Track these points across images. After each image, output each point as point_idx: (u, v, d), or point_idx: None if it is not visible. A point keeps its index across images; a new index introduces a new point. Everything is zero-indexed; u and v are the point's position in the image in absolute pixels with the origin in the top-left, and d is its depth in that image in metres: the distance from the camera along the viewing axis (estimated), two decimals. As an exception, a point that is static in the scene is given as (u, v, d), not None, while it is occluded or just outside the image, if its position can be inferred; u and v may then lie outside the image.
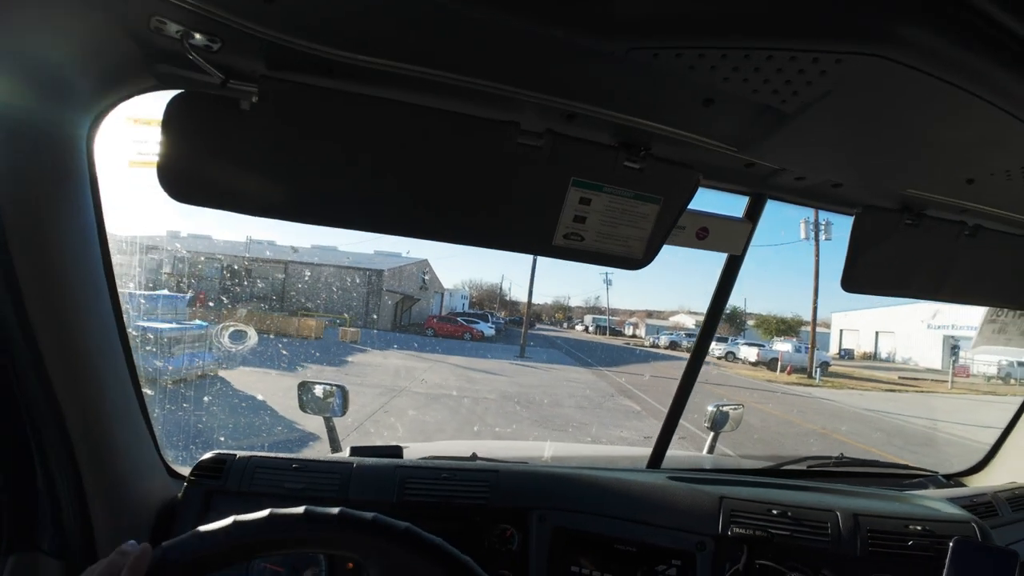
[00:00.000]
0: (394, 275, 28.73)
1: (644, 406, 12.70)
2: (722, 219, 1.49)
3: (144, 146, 1.05)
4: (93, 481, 1.08)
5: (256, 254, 25.69)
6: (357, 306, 26.34)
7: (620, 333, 49.52)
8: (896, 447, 10.39)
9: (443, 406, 10.41)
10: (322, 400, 2.22)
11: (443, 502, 1.38)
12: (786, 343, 28.42)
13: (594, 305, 61.90)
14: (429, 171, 1.06)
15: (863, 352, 38.00)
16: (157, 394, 7.72)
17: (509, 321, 42.16)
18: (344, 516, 0.69)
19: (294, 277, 26.12)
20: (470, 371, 15.65)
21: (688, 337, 36.63)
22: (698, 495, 1.47)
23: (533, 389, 13.51)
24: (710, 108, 0.94)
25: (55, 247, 0.95)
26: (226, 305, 20.70)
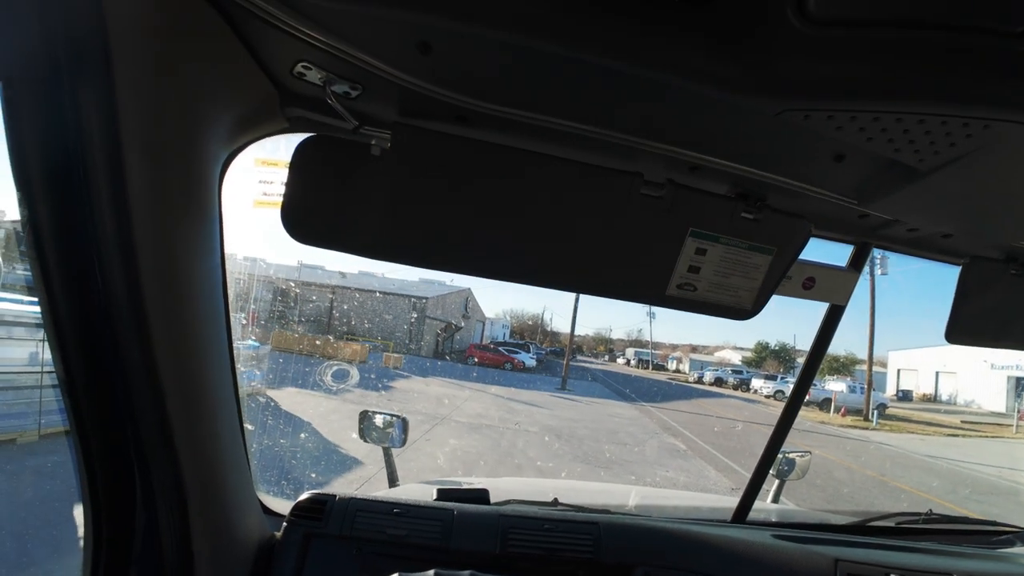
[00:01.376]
0: (437, 303, 29.08)
1: (689, 445, 12.29)
2: (828, 269, 1.47)
3: (270, 187, 1.09)
4: (198, 520, 1.05)
5: (306, 278, 26.50)
6: (401, 332, 26.71)
7: (663, 368, 48.44)
8: (961, 497, 9.73)
9: (484, 437, 10.34)
10: (382, 430, 2.23)
11: (548, 555, 1.35)
12: (840, 383, 27.10)
13: (636, 338, 60.88)
14: (552, 220, 1.07)
15: (923, 393, 35.86)
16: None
17: (550, 352, 41.85)
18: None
19: (341, 302, 26.78)
20: (511, 402, 15.54)
21: (735, 374, 35.46)
22: (812, 557, 1.42)
23: (574, 423, 13.29)
24: (840, 163, 0.95)
25: (185, 281, 0.94)
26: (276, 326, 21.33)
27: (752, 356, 49.21)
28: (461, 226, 1.05)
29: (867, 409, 22.54)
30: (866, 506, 8.53)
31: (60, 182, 0.77)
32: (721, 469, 10.15)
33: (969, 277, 1.40)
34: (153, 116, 0.80)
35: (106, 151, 0.76)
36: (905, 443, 16.59)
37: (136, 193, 0.80)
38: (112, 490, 0.98)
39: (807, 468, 2.48)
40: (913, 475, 11.73)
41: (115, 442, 0.96)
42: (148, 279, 0.86)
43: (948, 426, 22.41)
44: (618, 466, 9.56)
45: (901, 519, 1.90)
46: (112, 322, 0.87)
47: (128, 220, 0.80)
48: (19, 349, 4.96)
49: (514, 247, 1.09)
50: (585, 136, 0.95)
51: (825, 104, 0.73)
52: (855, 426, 20.35)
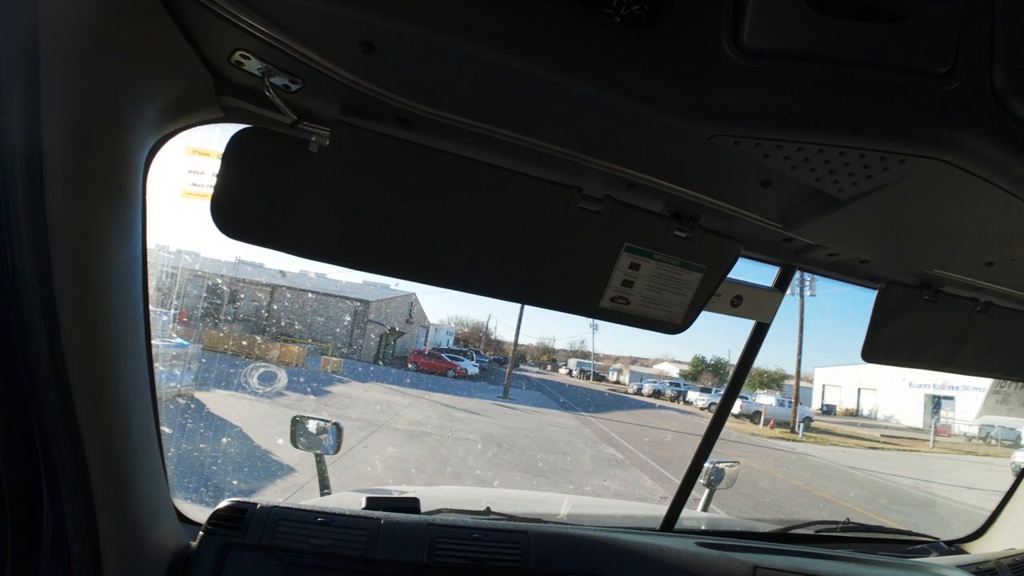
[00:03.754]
0: (381, 307, 28.53)
1: (627, 455, 12.54)
2: (756, 288, 1.54)
3: (200, 177, 1.02)
4: (108, 527, 0.99)
5: (244, 275, 25.44)
6: (341, 335, 26.02)
7: (604, 378, 49.32)
8: (880, 506, 10.34)
9: (423, 444, 10.18)
10: (314, 436, 2.14)
11: (475, 564, 1.34)
12: (769, 396, 28.42)
13: (579, 349, 61.80)
14: (489, 228, 1.07)
15: (845, 408, 38.07)
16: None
17: (493, 360, 41.86)
18: None
19: (280, 301, 25.85)
20: (452, 409, 15.40)
21: (672, 386, 36.54)
22: (732, 564, 1.46)
23: (515, 432, 13.29)
24: (767, 189, 1.00)
25: (101, 271, 0.89)
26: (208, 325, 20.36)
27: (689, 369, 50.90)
28: (397, 229, 1.04)
29: (794, 422, 23.72)
30: (791, 513, 8.94)
31: None
32: (656, 478, 10.39)
33: (885, 301, 1.49)
34: (76, 94, 0.75)
35: (24, 129, 0.71)
36: (828, 454, 17.53)
37: (52, 174, 0.75)
38: (17, 493, 0.90)
39: (736, 477, 2.57)
40: (835, 485, 12.37)
41: (21, 441, 0.88)
42: (60, 266, 0.80)
43: (868, 439, 23.83)
44: (557, 475, 9.61)
45: (820, 527, 1.98)
46: (20, 312, 0.81)
47: (41, 202, 0.76)
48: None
49: (450, 253, 1.09)
50: (527, 147, 0.96)
51: (753, 132, 0.76)
52: (783, 437, 21.36)
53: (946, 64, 0.67)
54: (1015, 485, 2.18)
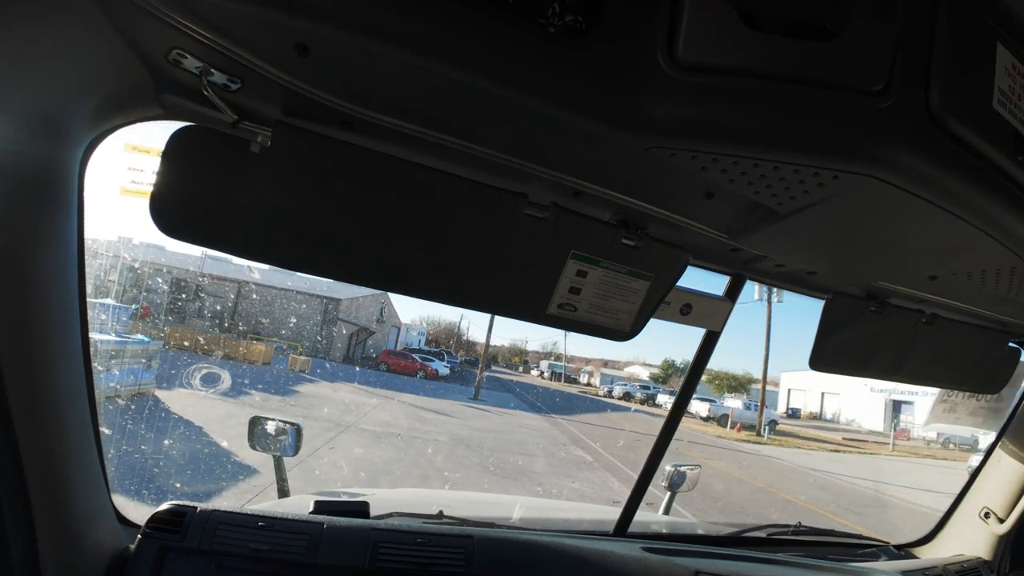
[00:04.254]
0: (351, 305, 28.15)
1: (596, 457, 12.62)
2: (705, 297, 1.56)
3: (139, 175, 0.99)
4: (46, 527, 0.97)
5: (210, 270, 24.82)
6: (310, 334, 25.58)
7: (575, 381, 49.60)
8: (841, 507, 10.63)
9: (391, 446, 10.09)
10: (273, 437, 2.09)
11: (418, 570, 1.33)
12: (736, 400, 29.01)
13: (551, 350, 62.03)
14: (433, 232, 1.07)
15: (810, 412, 39.10)
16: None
17: (465, 361, 41.73)
18: None
19: (246, 298, 25.28)
20: (422, 410, 15.29)
21: (642, 388, 36.98)
22: (673, 569, 1.48)
23: (485, 434, 13.27)
24: (710, 200, 1.01)
25: (33, 271, 0.87)
26: (172, 321, 19.80)
27: (659, 373, 51.56)
28: (339, 232, 1.03)
29: (760, 425, 24.22)
30: (752, 514, 9.13)
31: None
32: (624, 480, 10.48)
33: (832, 311, 1.52)
34: (5, 90, 0.73)
35: None
36: (792, 457, 17.95)
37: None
38: None
39: (697, 480, 2.61)
40: (796, 486, 12.68)
41: None
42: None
43: (831, 442, 24.47)
44: (525, 477, 9.62)
45: (772, 530, 2.02)
46: None
47: None
48: None
49: (393, 256, 1.08)
50: (471, 153, 0.96)
51: (688, 144, 0.76)
52: (748, 440, 21.80)
53: (880, 82, 0.68)
54: (964, 490, 2.23)
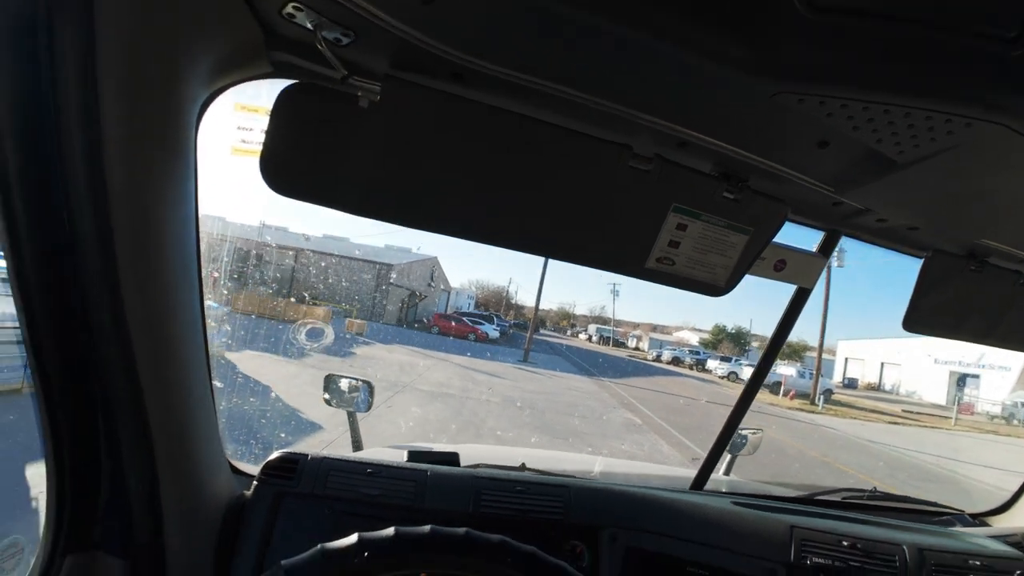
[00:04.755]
0: (403, 271, 28.81)
1: (645, 420, 12.67)
2: (799, 253, 1.51)
3: (249, 134, 1.03)
4: (168, 477, 1.02)
5: (269, 239, 25.80)
6: (364, 298, 26.40)
7: (623, 345, 49.41)
8: (898, 481, 10.33)
9: (445, 405, 10.42)
10: (347, 394, 2.20)
11: (519, 515, 1.37)
12: (790, 367, 28.23)
13: (599, 314, 61.77)
14: (539, 185, 1.06)
15: (867, 382, 37.73)
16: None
17: (514, 324, 42.10)
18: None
19: (305, 265, 26.23)
20: (473, 372, 15.65)
21: (692, 354, 36.49)
22: (769, 522, 1.48)
23: (535, 395, 13.50)
24: (823, 150, 0.97)
25: (157, 229, 0.89)
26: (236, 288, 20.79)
27: (710, 338, 50.62)
28: (446, 186, 1.04)
29: (814, 393, 23.58)
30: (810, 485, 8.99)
31: (28, 118, 0.73)
32: (674, 444, 10.51)
33: (930, 270, 1.45)
34: (131, 50, 0.75)
35: (80, 84, 0.72)
36: (848, 427, 17.45)
37: (109, 131, 0.75)
38: (78, 448, 0.93)
39: (759, 444, 2.57)
40: (854, 457, 12.37)
41: (81, 398, 0.91)
42: (118, 221, 0.81)
43: (890, 414, 23.59)
44: (576, 438, 9.79)
45: (847, 494, 1.98)
46: (79, 270, 0.83)
47: (99, 157, 0.76)
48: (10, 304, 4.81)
49: (499, 210, 1.08)
50: (578, 103, 0.94)
51: (819, 89, 0.75)
52: (802, 409, 21.26)
53: (1015, 29, 0.66)
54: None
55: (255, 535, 1.24)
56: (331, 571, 0.58)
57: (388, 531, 0.62)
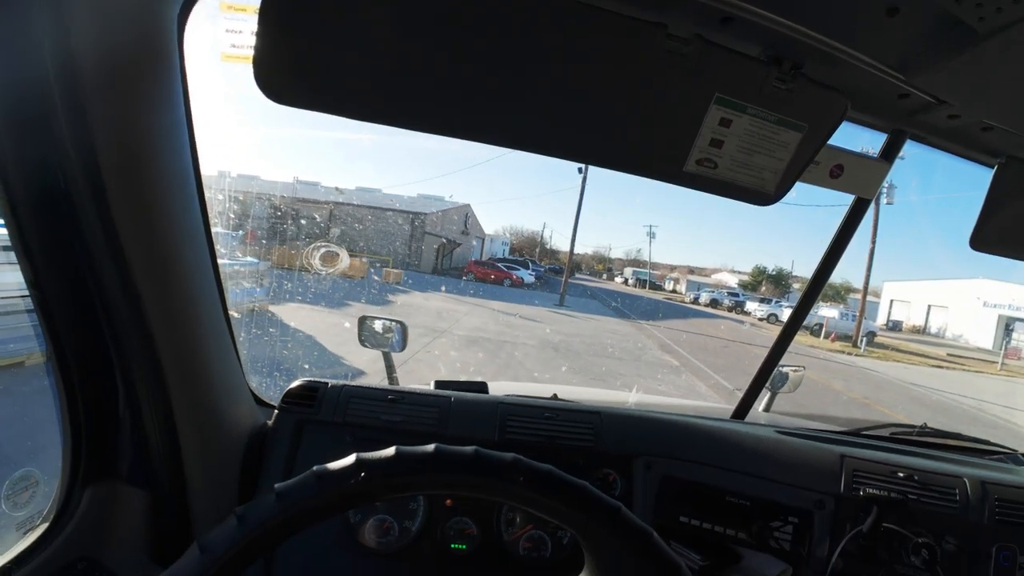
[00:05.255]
0: (437, 219, 28.88)
1: (682, 361, 12.65)
2: (859, 157, 1.34)
3: (239, 37, 0.95)
4: (183, 404, 1.01)
5: (303, 194, 26.11)
6: (400, 248, 26.69)
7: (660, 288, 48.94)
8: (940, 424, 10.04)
9: (483, 349, 10.60)
10: (381, 335, 2.23)
11: (547, 442, 1.34)
12: (832, 309, 27.53)
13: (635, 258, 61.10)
14: (564, 77, 0.93)
15: (912, 325, 36.67)
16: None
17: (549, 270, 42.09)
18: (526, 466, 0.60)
19: (340, 218, 26.54)
20: (509, 316, 15.80)
21: (730, 296, 35.89)
22: (816, 452, 1.41)
23: (572, 338, 13.59)
24: (893, 19, 0.83)
25: (145, 146, 0.85)
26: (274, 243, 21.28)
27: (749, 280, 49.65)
28: (455, 79, 0.91)
29: (857, 335, 23.03)
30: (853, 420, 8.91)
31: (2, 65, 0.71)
32: (711, 385, 10.50)
33: (1003, 179, 1.30)
34: None
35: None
36: (890, 370, 17.08)
37: (84, 56, 0.73)
38: (89, 379, 0.93)
39: (799, 383, 2.49)
40: (896, 399, 12.15)
41: (87, 330, 0.91)
42: (106, 149, 0.79)
43: (934, 357, 23.05)
44: (612, 378, 9.87)
45: (896, 430, 1.89)
46: (74, 206, 0.82)
47: (78, 88, 0.73)
48: (18, 274, 4.97)
49: (514, 105, 0.96)
50: None
51: None
52: (843, 351, 20.90)
53: None
54: None
55: (277, 463, 1.25)
56: (327, 492, 0.54)
57: (389, 451, 0.57)
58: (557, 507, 0.59)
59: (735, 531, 1.33)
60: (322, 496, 0.54)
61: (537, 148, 1.02)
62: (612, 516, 0.59)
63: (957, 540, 1.30)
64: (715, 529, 1.33)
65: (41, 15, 0.69)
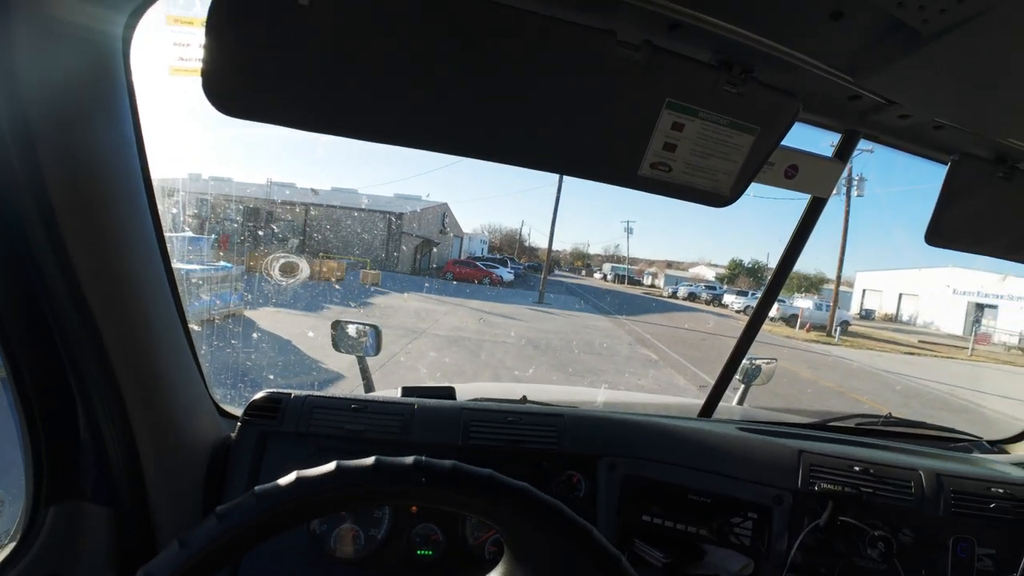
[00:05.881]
0: (414, 218, 28.70)
1: (661, 355, 12.79)
2: (813, 157, 1.36)
3: (187, 50, 0.94)
4: (142, 421, 1.01)
5: (277, 196, 25.74)
6: (377, 249, 26.49)
7: (639, 283, 49.34)
8: (912, 410, 10.41)
9: (463, 348, 10.59)
10: (355, 340, 2.22)
11: (510, 446, 1.35)
12: (807, 300, 28.12)
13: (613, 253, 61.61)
14: (511, 83, 0.93)
15: (885, 313, 37.67)
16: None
17: (528, 267, 42.19)
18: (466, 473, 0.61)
19: (315, 220, 26.24)
20: (489, 315, 15.80)
21: (708, 289, 36.40)
22: (775, 448, 1.44)
23: (551, 335, 13.64)
24: (838, 23, 0.84)
25: (92, 162, 0.85)
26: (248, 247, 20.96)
27: (726, 272, 50.36)
28: (404, 89, 0.91)
29: (831, 325, 23.56)
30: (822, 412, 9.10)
31: None
32: (689, 377, 10.64)
33: (955, 176, 1.33)
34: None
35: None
36: (864, 358, 17.49)
37: (26, 65, 0.71)
38: (47, 398, 0.92)
39: (772, 374, 2.53)
40: (869, 386, 12.46)
41: (43, 348, 0.90)
42: (46, 152, 0.77)
43: (906, 345, 23.66)
44: (592, 375, 9.93)
45: (861, 420, 1.93)
46: (21, 217, 0.80)
47: (19, 99, 0.72)
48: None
49: (466, 114, 0.95)
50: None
51: None
52: (818, 340, 21.34)
53: None
54: None
55: (241, 476, 1.25)
56: (304, 497, 0.55)
57: (368, 460, 0.58)
58: (462, 499, 0.60)
59: (697, 528, 1.35)
60: (300, 499, 0.56)
61: (491, 156, 1.03)
62: (518, 496, 0.60)
63: (914, 532, 1.32)
64: (677, 527, 1.35)
65: None
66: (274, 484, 0.55)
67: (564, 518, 0.60)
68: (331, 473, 0.57)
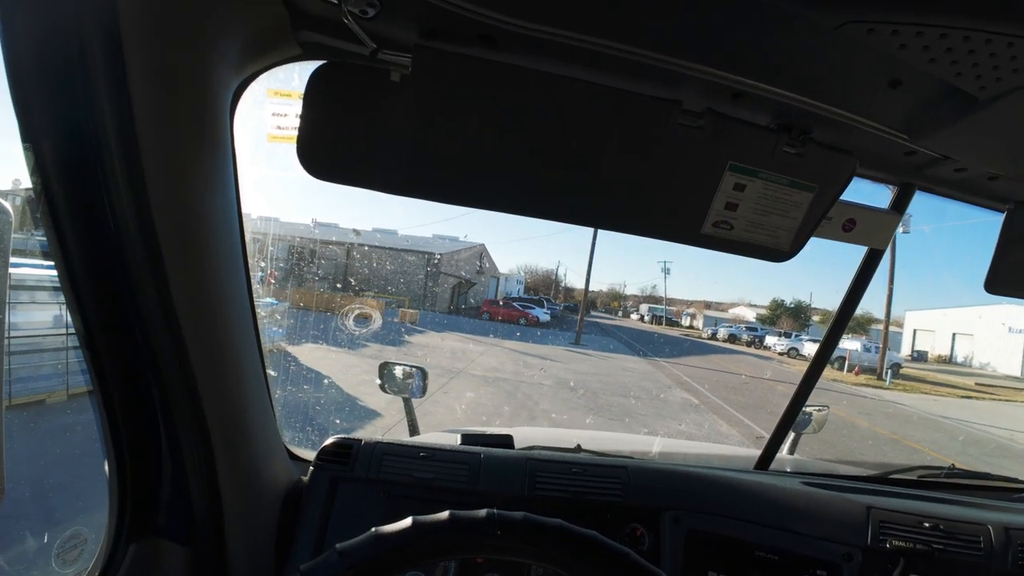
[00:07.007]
0: (451, 259, 29.16)
1: (702, 399, 12.42)
2: (870, 210, 1.37)
3: (284, 119, 1.03)
4: (225, 465, 1.04)
5: (320, 235, 26.62)
6: (415, 288, 26.91)
7: (677, 324, 48.50)
8: (972, 457, 9.78)
9: (499, 390, 10.53)
10: (401, 381, 2.25)
11: (575, 498, 1.35)
12: (855, 341, 27.01)
13: (650, 294, 60.75)
14: (583, 150, 0.99)
15: (938, 355, 35.81)
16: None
17: (564, 308, 42.00)
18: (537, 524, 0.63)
19: (356, 259, 26.95)
20: (526, 356, 15.73)
21: (749, 330, 35.45)
22: (843, 503, 1.41)
23: (588, 377, 13.46)
24: (895, 91, 0.87)
25: (200, 220, 0.90)
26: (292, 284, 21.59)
27: (767, 313, 48.99)
28: (487, 158, 0.98)
29: (881, 368, 22.52)
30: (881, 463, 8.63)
31: (65, 121, 0.75)
32: (733, 424, 10.28)
33: (1013, 224, 1.32)
34: (158, 41, 0.76)
35: (111, 82, 0.72)
36: (918, 403, 16.63)
37: (143, 127, 0.77)
38: (136, 439, 0.96)
39: (824, 422, 2.45)
40: (926, 434, 11.81)
41: (137, 391, 0.94)
42: (161, 217, 0.82)
43: (962, 387, 22.46)
44: (631, 419, 9.72)
45: (923, 472, 1.87)
46: (127, 267, 0.84)
47: (136, 155, 0.77)
48: (43, 313, 5.07)
49: (543, 180, 1.02)
50: (619, 58, 0.87)
51: (892, 16, 0.67)
52: (868, 384, 20.41)
53: None
54: None
55: (313, 520, 1.26)
56: (383, 554, 0.58)
57: (443, 515, 0.60)
58: (535, 550, 0.62)
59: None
60: (380, 556, 0.58)
61: (562, 218, 1.08)
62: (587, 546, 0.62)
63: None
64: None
65: (105, 89, 0.73)
66: (354, 541, 0.58)
67: (633, 563, 0.61)
68: (409, 528, 0.59)
